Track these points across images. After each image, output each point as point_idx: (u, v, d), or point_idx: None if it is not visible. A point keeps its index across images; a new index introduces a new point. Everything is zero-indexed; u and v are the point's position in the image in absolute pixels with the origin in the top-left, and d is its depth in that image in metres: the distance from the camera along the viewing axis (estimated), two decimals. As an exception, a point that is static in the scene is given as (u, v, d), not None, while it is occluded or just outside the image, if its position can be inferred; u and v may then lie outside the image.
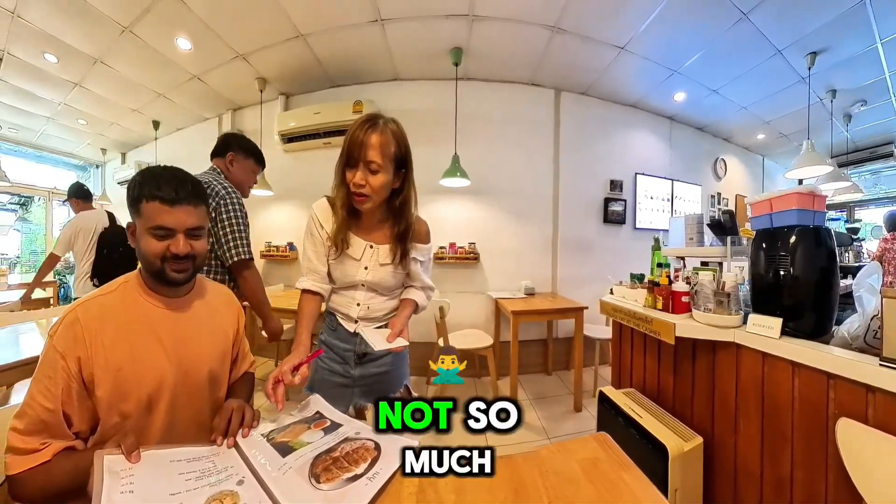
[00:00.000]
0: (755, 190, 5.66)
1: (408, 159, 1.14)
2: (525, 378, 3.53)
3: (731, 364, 1.43)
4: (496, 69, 3.62)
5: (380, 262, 1.20)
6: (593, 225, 4.06)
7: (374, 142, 1.04)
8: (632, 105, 4.22)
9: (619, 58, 3.28)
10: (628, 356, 2.10)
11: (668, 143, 4.56)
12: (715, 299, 1.43)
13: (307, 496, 0.66)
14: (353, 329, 1.24)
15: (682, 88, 3.84)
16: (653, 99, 4.10)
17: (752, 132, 5.00)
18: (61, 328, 0.78)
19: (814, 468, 1.13)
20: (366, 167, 1.05)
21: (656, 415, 1.62)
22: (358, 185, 1.06)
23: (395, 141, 1.09)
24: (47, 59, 3.69)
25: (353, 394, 1.24)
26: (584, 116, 3.99)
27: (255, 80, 3.95)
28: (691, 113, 4.44)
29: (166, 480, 0.66)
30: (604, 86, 3.83)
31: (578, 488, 0.72)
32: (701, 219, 2.02)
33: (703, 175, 4.98)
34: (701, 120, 4.66)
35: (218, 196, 1.70)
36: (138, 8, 2.87)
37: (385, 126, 1.07)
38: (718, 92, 3.87)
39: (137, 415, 0.83)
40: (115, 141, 6.30)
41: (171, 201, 0.83)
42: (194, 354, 0.93)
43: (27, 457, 0.71)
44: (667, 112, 4.43)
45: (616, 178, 4.13)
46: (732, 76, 3.56)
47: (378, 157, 1.05)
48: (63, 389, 0.75)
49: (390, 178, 1.10)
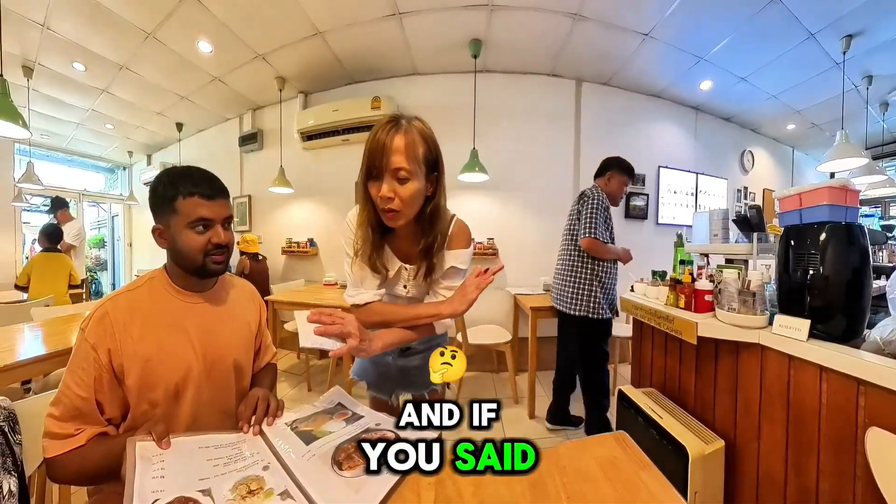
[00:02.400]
0: (784, 184, 5.45)
1: (439, 161, 0.99)
2: (543, 374, 3.49)
3: (756, 366, 1.38)
4: (516, 60, 3.58)
5: (416, 281, 1.11)
6: (614, 220, 3.90)
7: (399, 145, 0.89)
8: (655, 95, 4.10)
9: (642, 45, 3.18)
10: (648, 355, 2.07)
11: (692, 134, 4.42)
12: (740, 298, 1.38)
13: (330, 482, 0.69)
14: None
15: (708, 76, 3.71)
16: (678, 88, 3.97)
17: (782, 122, 4.80)
18: (92, 322, 0.83)
19: (841, 479, 1.08)
20: (392, 177, 0.90)
21: (677, 416, 1.60)
22: (385, 198, 0.90)
23: (423, 140, 0.94)
24: (76, 67, 3.88)
25: (396, 383, 1.26)
26: (606, 108, 3.90)
27: (274, 79, 4.02)
28: (718, 102, 4.28)
29: (195, 466, 0.69)
30: (627, 75, 3.72)
31: (596, 486, 0.72)
32: (726, 214, 1.95)
33: (729, 168, 4.82)
34: (728, 110, 4.49)
35: (587, 196, 2.39)
36: (161, 13, 2.96)
37: (409, 125, 0.92)
38: (747, 80, 3.71)
39: (166, 403, 0.87)
40: (141, 143, 6.57)
41: (209, 195, 0.90)
42: (219, 346, 0.97)
43: (63, 441, 0.77)
44: (692, 102, 4.29)
45: (639, 171, 3.94)
46: (762, 63, 3.42)
47: (405, 161, 0.89)
48: (95, 379, 0.80)
49: (422, 185, 0.94)
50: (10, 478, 0.78)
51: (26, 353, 1.66)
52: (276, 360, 1.25)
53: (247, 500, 0.64)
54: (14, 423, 0.87)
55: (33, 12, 2.97)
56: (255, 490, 0.66)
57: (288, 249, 4.64)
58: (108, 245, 8.44)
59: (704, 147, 4.49)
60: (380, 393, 1.27)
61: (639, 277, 2.24)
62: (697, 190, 4.43)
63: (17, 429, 0.87)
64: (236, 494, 0.65)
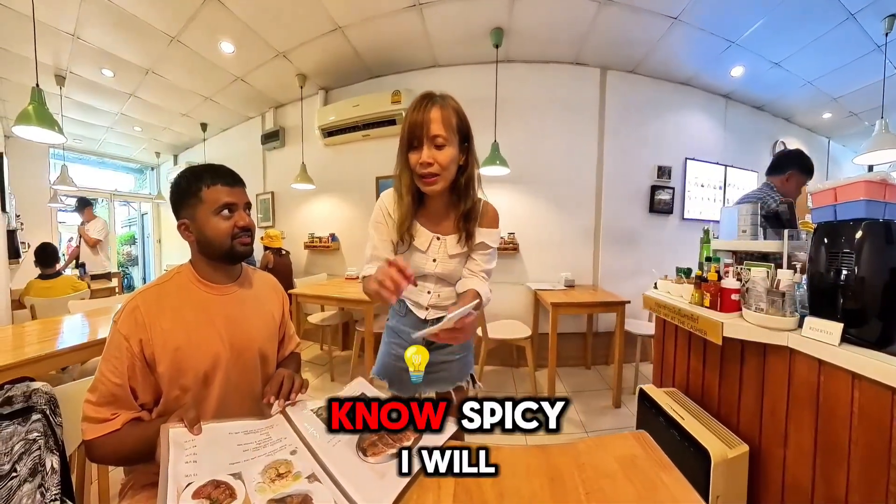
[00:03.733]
0: (818, 177, 5.09)
1: (470, 132, 1.09)
2: (563, 371, 3.50)
3: (783, 370, 1.33)
4: (538, 49, 3.48)
5: (448, 254, 1.17)
6: (638, 215, 3.86)
7: (436, 116, 1.00)
8: (683, 83, 3.93)
9: (671, 29, 3.04)
10: (671, 354, 2.02)
11: (722, 124, 4.23)
12: (768, 298, 1.33)
13: (355, 466, 0.71)
14: (424, 316, 1.23)
15: (739, 62, 3.52)
16: (707, 75, 3.79)
17: (818, 111, 4.55)
18: (124, 314, 0.89)
19: (873, 492, 1.03)
20: (431, 143, 1.01)
21: (700, 417, 1.56)
22: (425, 163, 1.02)
23: (456, 113, 1.05)
24: (104, 73, 4.06)
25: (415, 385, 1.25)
26: (632, 97, 3.76)
27: (295, 76, 4.07)
28: (749, 90, 4.07)
29: (226, 451, 0.73)
30: (654, 62, 3.57)
31: (615, 483, 0.72)
32: (756, 209, 1.86)
33: (760, 160, 4.50)
34: (760, 98, 4.26)
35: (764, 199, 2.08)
36: (184, 17, 3.04)
37: (443, 100, 1.04)
38: (780, 65, 3.52)
39: (195, 389, 0.92)
40: (168, 144, 6.82)
41: (230, 183, 0.98)
42: (244, 335, 1.01)
43: (100, 425, 0.83)
44: (722, 90, 4.09)
45: (664, 163, 3.89)
46: (797, 46, 3.22)
47: (442, 129, 1.00)
48: (128, 367, 0.86)
49: (456, 153, 1.06)
50: (52, 456, 0.84)
51: (64, 343, 1.78)
52: (299, 350, 1.29)
53: (276, 482, 0.67)
54: (55, 406, 0.93)
55: (64, 23, 3.12)
56: (283, 473, 0.69)
57: (310, 244, 4.72)
58: (138, 241, 8.91)
59: (734, 138, 4.30)
60: (402, 392, 1.28)
61: (662, 274, 2.19)
62: (726, 183, 4.25)
63: (57, 412, 0.93)
64: (265, 477, 0.67)
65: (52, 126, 2.19)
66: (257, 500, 0.63)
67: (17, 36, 3.13)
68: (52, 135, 2.23)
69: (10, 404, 0.85)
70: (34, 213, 5.30)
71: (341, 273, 4.38)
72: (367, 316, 3.05)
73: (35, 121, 2.12)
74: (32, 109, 2.13)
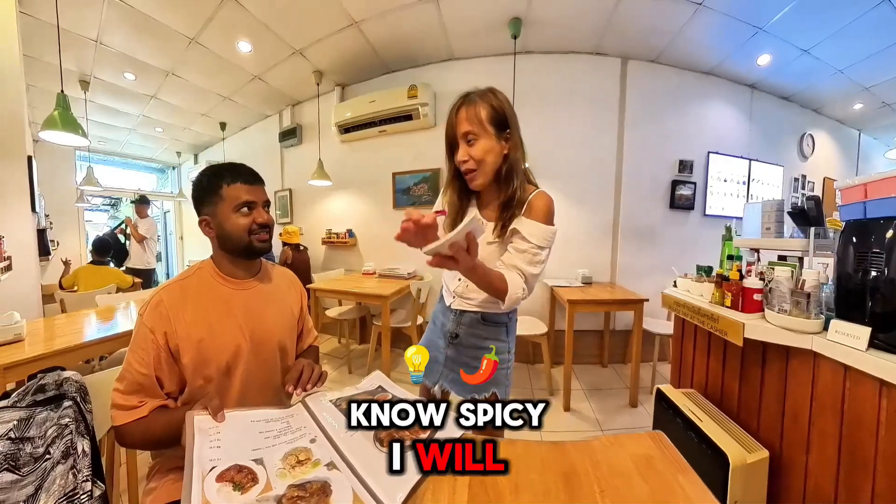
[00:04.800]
0: (848, 172, 4.96)
1: (509, 119, 1.07)
2: (579, 368, 3.47)
3: (807, 374, 1.28)
4: (557, 39, 3.41)
5: (486, 240, 1.12)
6: (658, 210, 3.77)
7: (462, 116, 1.05)
8: (707, 72, 3.78)
9: (695, 16, 2.93)
10: (690, 355, 1.98)
11: (747, 116, 4.07)
12: (792, 299, 1.29)
13: (372, 456, 0.73)
14: (450, 304, 1.23)
15: (767, 50, 3.36)
16: (732, 64, 3.62)
17: (849, 101, 4.33)
18: (149, 308, 0.93)
19: None
20: (464, 141, 1.06)
21: (718, 420, 1.53)
22: (461, 161, 1.07)
23: (487, 104, 1.05)
24: (126, 77, 4.21)
25: (441, 374, 1.22)
26: (654, 87, 3.65)
27: (311, 73, 4.12)
28: (776, 79, 3.89)
29: (248, 438, 0.75)
30: (677, 51, 3.44)
31: (630, 483, 0.71)
32: (781, 205, 1.79)
33: (786, 154, 4.41)
34: (787, 88, 4.08)
35: None
36: (202, 18, 3.11)
37: (475, 96, 1.06)
38: (810, 52, 3.34)
39: (218, 378, 0.96)
40: (188, 144, 7.04)
41: (250, 181, 1.01)
42: (264, 328, 1.05)
43: (128, 412, 0.87)
44: (747, 79, 3.92)
45: (686, 157, 3.77)
46: (828, 32, 3.04)
47: (469, 125, 1.04)
48: (154, 358, 0.90)
49: (493, 143, 1.05)
50: (83, 440, 0.89)
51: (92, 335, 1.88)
52: (317, 343, 1.31)
53: (296, 469, 0.69)
54: (84, 393, 0.99)
55: (87, 30, 3.24)
56: (303, 460, 0.71)
57: (328, 240, 4.79)
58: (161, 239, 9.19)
59: (759, 130, 4.14)
60: (428, 378, 1.25)
61: (682, 272, 2.14)
62: (750, 178, 4.10)
63: (87, 399, 0.99)
64: (286, 464, 0.70)
65: (77, 130, 2.27)
66: (278, 484, 0.65)
67: (43, 44, 3.26)
68: (77, 138, 2.30)
69: (44, 392, 0.91)
70: (62, 213, 5.54)
71: (358, 268, 4.42)
72: (384, 310, 3.09)
73: (61, 125, 2.20)
74: (58, 115, 2.20)
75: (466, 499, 0.68)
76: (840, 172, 4.89)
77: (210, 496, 0.60)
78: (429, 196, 3.98)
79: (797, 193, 4.48)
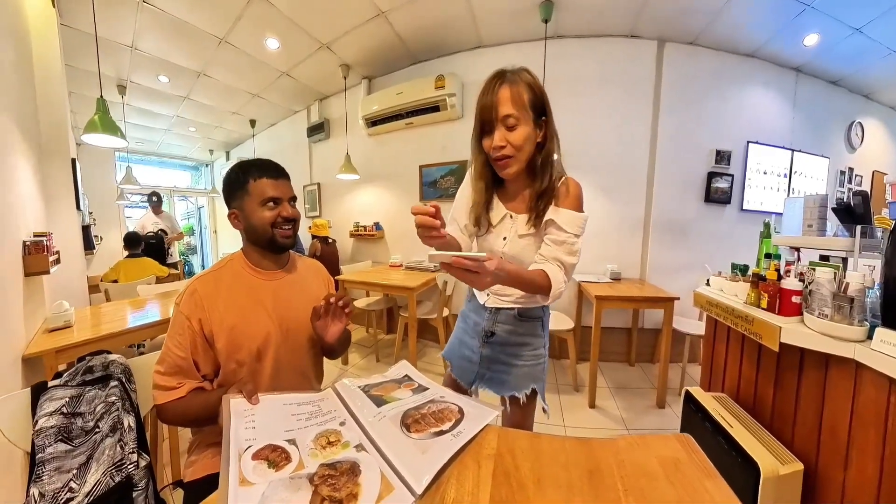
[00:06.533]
0: None
1: (546, 106, 1.01)
2: (606, 366, 3.42)
3: (848, 385, 1.20)
4: (590, 21, 3.28)
5: (518, 234, 1.10)
6: (692, 204, 3.59)
7: (505, 95, 0.95)
8: (749, 55, 3.53)
9: None
10: (722, 357, 1.91)
11: (791, 102, 3.78)
12: (834, 303, 1.21)
13: (399, 441, 0.75)
14: (484, 301, 1.20)
15: (814, 29, 3.09)
16: (776, 44, 3.36)
17: (904, 86, 3.97)
18: (185, 297, 1.00)
19: None
20: (502, 125, 0.96)
21: (750, 427, 1.47)
22: (497, 146, 0.98)
23: (529, 87, 0.97)
24: (161, 80, 4.43)
25: (476, 374, 1.21)
26: (691, 71, 3.45)
27: (339, 67, 4.17)
28: (824, 62, 3.59)
29: (281, 420, 0.79)
30: (717, 32, 3.23)
31: (656, 484, 0.70)
32: (825, 201, 1.69)
33: (833, 144, 4.09)
34: (835, 71, 3.76)
35: None
36: (231, 17, 3.19)
37: (514, 75, 0.98)
38: (862, 31, 3.07)
39: (250, 363, 1.02)
40: (220, 142, 7.36)
41: (275, 177, 1.06)
42: (292, 315, 1.10)
43: (168, 392, 0.95)
44: (793, 62, 3.64)
45: (723, 147, 3.57)
46: (883, 8, 2.78)
47: (513, 108, 0.95)
48: (190, 342, 0.97)
49: (531, 130, 0.99)
50: (129, 416, 0.99)
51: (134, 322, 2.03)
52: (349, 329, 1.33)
53: (327, 449, 0.72)
54: (129, 374, 1.09)
55: (123, 36, 3.41)
56: (333, 441, 0.75)
57: (355, 233, 4.88)
58: (196, 232, 9.76)
59: (804, 118, 3.85)
60: (460, 377, 1.25)
61: (716, 270, 2.07)
62: (792, 170, 3.84)
63: (131, 379, 1.09)
64: (317, 444, 0.73)
65: (116, 132, 2.40)
66: (310, 463, 0.68)
67: (82, 53, 3.44)
68: (116, 140, 2.43)
69: (92, 372, 1.01)
70: (104, 210, 5.90)
71: (385, 260, 4.49)
72: (410, 302, 3.13)
73: (101, 128, 2.33)
74: (98, 118, 2.33)
75: (490, 486, 0.69)
76: (891, 165, 4.52)
77: (246, 473, 0.64)
78: (455, 189, 3.96)
79: (843, 188, 4.17)
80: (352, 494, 0.61)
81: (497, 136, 0.97)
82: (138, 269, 3.72)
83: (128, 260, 3.81)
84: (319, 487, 0.63)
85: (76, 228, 3.14)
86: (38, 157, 2.44)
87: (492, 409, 0.87)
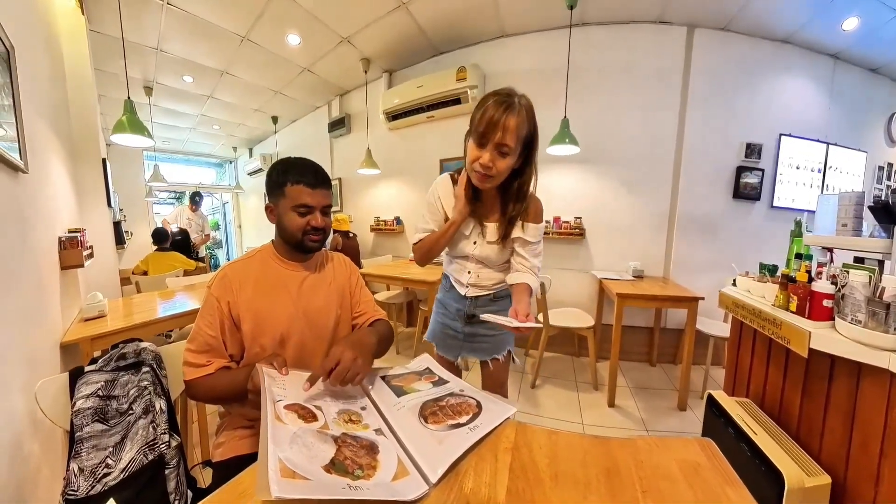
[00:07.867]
0: None
1: (535, 140, 1.15)
2: (626, 365, 3.37)
3: (881, 396, 1.15)
4: (617, 7, 3.17)
5: (487, 240, 1.29)
6: (720, 200, 3.46)
7: (511, 125, 1.06)
8: (784, 40, 3.35)
9: None
10: (747, 361, 1.86)
11: (827, 91, 3.57)
12: (868, 309, 1.15)
13: (417, 430, 0.78)
14: (464, 293, 1.40)
15: (854, 12, 2.91)
16: (813, 29, 3.17)
17: (952, 76, 3.69)
18: (216, 281, 1.07)
19: None
20: (496, 149, 1.09)
21: (775, 435, 1.43)
22: (485, 166, 1.10)
23: (528, 121, 1.10)
24: (185, 80, 4.58)
25: (461, 347, 1.44)
26: (722, 59, 3.30)
27: (359, 61, 4.19)
28: (863, 47, 3.36)
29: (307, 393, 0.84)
30: (749, 16, 3.07)
31: (675, 488, 0.69)
32: (861, 198, 1.60)
33: (872, 137, 3.85)
34: (876, 57, 3.52)
35: None
36: (252, 15, 3.25)
37: (521, 106, 1.08)
38: None
39: (272, 347, 1.06)
40: (243, 139, 7.55)
41: (312, 185, 1.07)
42: (316, 305, 1.15)
43: (198, 369, 1.00)
44: (830, 48, 3.43)
45: (754, 140, 3.40)
46: None
47: (512, 140, 1.07)
48: (220, 323, 1.02)
49: (513, 161, 1.13)
50: (160, 399, 1.05)
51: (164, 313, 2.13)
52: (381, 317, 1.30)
53: (349, 424, 0.77)
54: (160, 361, 1.17)
55: (148, 39, 3.53)
56: (354, 420, 0.79)
57: (376, 227, 4.94)
58: (221, 227, 10.11)
59: (841, 109, 3.62)
60: (446, 354, 1.46)
61: (743, 270, 2.01)
62: (826, 165, 3.63)
63: (162, 365, 1.16)
64: (340, 419, 0.78)
65: (143, 132, 2.50)
66: (334, 428, 0.73)
67: (110, 57, 3.57)
68: (144, 139, 2.53)
69: (125, 359, 1.09)
70: (134, 207, 6.15)
71: (405, 255, 4.53)
72: (430, 296, 3.15)
73: (129, 129, 2.42)
74: (126, 119, 2.43)
75: (507, 479, 0.70)
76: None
77: (281, 414, 0.71)
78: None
79: (881, 185, 3.93)
80: (370, 465, 0.65)
81: (487, 156, 1.09)
82: (167, 263, 3.89)
83: (157, 253, 3.98)
84: (342, 448, 0.67)
85: (108, 224, 3.31)
86: (71, 159, 2.57)
87: (510, 406, 0.89)
